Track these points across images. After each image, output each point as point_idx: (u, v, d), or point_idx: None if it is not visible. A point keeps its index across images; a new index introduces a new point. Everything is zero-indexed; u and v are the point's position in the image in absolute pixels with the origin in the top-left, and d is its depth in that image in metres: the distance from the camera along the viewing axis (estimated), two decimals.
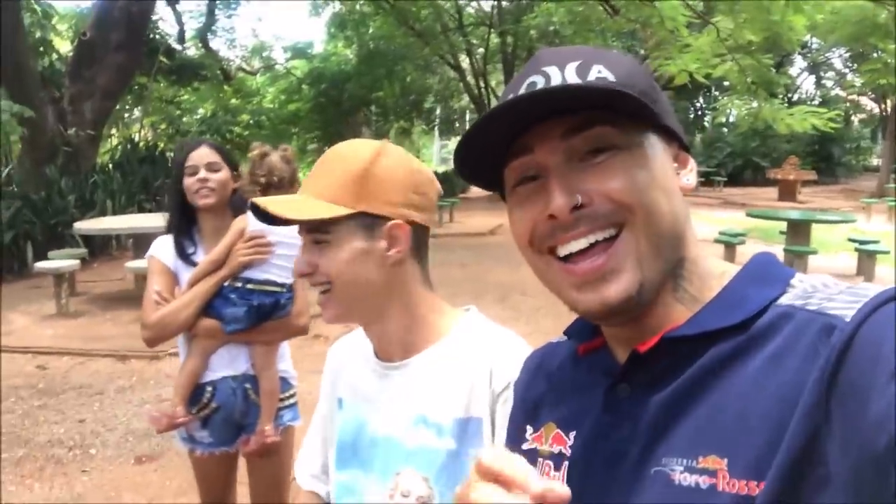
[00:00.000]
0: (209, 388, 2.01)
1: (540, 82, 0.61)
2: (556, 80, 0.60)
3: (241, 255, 1.93)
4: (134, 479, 3.45)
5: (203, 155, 1.99)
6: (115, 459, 3.67)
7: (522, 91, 0.61)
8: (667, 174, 0.61)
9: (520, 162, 0.62)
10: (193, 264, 2.00)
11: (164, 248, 2.02)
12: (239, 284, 1.95)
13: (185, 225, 2.04)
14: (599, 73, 0.60)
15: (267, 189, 1.89)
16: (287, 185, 1.93)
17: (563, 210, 0.57)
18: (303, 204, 0.96)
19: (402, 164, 1.00)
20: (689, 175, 0.65)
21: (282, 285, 1.99)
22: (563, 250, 0.60)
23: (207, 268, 1.95)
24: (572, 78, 0.60)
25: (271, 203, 0.95)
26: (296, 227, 1.66)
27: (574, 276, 0.59)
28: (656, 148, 0.61)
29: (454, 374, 0.97)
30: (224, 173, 2.00)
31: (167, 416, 1.98)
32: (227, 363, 2.02)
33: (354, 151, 0.99)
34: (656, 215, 0.58)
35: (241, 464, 2.17)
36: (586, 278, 0.58)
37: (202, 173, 1.96)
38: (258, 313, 1.95)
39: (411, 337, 1.01)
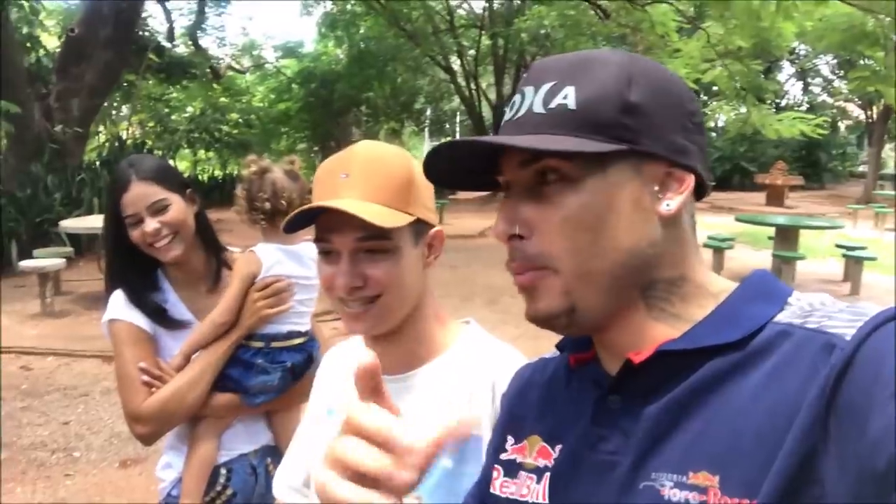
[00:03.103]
0: (223, 472, 1.60)
1: (517, 101, 0.62)
2: (527, 102, 0.61)
3: (262, 308, 1.52)
4: (118, 484, 3.41)
5: (140, 196, 1.46)
6: (100, 463, 3.63)
7: (507, 107, 0.65)
8: (624, 207, 0.58)
9: (500, 178, 0.65)
10: (178, 324, 1.55)
11: (130, 309, 1.51)
12: (260, 345, 1.57)
13: (140, 277, 1.55)
14: (564, 98, 0.59)
15: (274, 215, 1.51)
16: (296, 207, 1.57)
17: (500, 236, 0.62)
18: (365, 208, 0.86)
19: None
20: (673, 199, 0.60)
21: (305, 334, 1.64)
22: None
23: (214, 331, 1.52)
24: (538, 104, 0.60)
25: (350, 206, 0.85)
26: (309, 267, 1.60)
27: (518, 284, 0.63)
28: (622, 175, 0.58)
29: (454, 391, 0.95)
30: (177, 206, 1.50)
31: None
32: (245, 438, 1.64)
33: (394, 155, 0.95)
34: (588, 257, 0.58)
35: None
36: (521, 287, 0.62)
37: (149, 224, 1.46)
38: (293, 375, 1.60)
39: (416, 349, 0.99)
